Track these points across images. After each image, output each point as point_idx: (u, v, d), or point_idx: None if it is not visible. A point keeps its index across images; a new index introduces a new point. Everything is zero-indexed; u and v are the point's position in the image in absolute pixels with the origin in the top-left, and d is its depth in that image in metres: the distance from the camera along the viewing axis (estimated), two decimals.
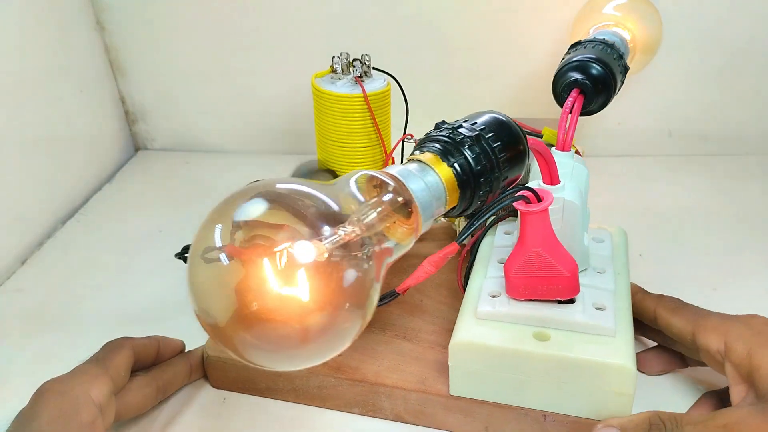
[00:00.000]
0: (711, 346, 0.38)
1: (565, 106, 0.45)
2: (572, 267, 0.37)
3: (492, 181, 0.34)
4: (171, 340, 0.44)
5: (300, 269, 0.29)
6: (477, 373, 0.38)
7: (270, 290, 0.29)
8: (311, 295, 0.29)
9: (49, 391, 0.35)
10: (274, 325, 0.30)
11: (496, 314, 0.38)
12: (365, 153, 0.54)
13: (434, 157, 0.33)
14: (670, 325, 0.40)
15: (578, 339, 0.37)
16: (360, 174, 0.32)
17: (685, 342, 0.40)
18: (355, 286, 0.30)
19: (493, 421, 0.40)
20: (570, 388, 0.37)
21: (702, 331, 0.38)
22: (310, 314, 0.30)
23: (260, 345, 0.30)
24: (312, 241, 0.29)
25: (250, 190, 0.31)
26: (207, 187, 0.73)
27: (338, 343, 0.31)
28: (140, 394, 0.41)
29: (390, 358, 0.43)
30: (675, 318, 0.40)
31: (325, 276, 0.29)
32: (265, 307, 0.29)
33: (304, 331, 0.30)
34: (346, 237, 0.30)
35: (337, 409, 0.43)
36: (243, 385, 0.44)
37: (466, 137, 0.34)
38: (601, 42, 0.50)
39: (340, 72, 0.53)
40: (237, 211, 0.30)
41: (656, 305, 0.42)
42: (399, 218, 0.32)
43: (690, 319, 0.39)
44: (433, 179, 0.33)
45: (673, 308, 0.41)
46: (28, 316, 0.54)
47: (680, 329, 0.40)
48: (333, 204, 0.31)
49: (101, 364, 0.38)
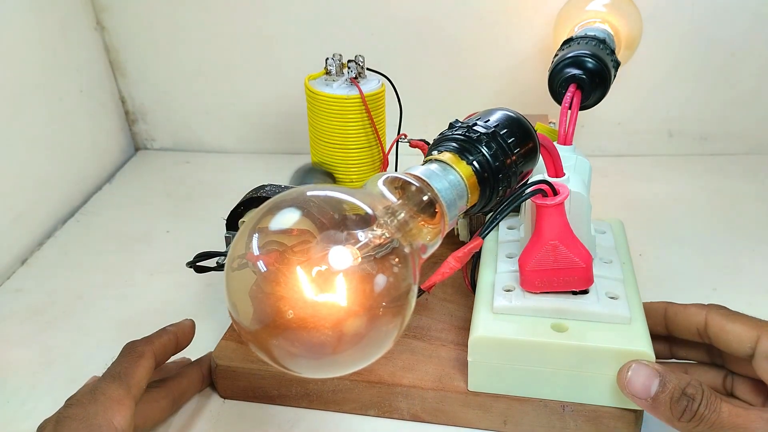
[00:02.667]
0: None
1: (564, 101, 0.46)
2: (587, 258, 0.37)
3: (509, 176, 0.34)
4: (183, 325, 0.43)
5: (336, 275, 0.29)
6: (496, 368, 0.39)
7: (306, 298, 0.29)
8: (348, 301, 0.29)
9: (71, 419, 0.34)
10: (311, 333, 0.29)
11: (512, 308, 0.39)
12: (360, 154, 0.54)
13: (454, 156, 0.34)
14: (727, 330, 0.37)
15: (595, 328, 0.37)
16: (385, 176, 0.32)
17: (741, 349, 0.37)
18: (392, 288, 0.30)
19: (512, 414, 0.40)
20: (589, 378, 0.37)
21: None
22: (348, 320, 0.29)
23: (298, 353, 0.30)
24: (346, 245, 0.29)
25: (281, 198, 0.30)
26: (207, 187, 0.73)
27: (379, 347, 0.31)
28: (157, 408, 0.40)
29: (403, 357, 0.43)
30: (733, 324, 0.37)
31: (361, 280, 0.29)
32: (301, 315, 0.29)
33: (343, 337, 0.29)
34: (378, 240, 0.29)
35: (353, 413, 0.43)
36: (254, 394, 0.44)
37: (482, 134, 0.34)
38: (592, 38, 0.51)
39: (334, 73, 0.53)
40: (271, 221, 0.30)
41: (707, 312, 0.39)
42: (424, 218, 0.32)
43: (754, 324, 0.37)
44: (455, 178, 0.33)
45: (728, 314, 0.38)
46: (28, 316, 0.53)
47: (740, 334, 0.37)
48: (363, 207, 0.31)
49: (123, 382, 0.36)
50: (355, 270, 0.29)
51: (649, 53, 0.67)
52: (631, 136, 0.74)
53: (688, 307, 0.40)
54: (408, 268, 0.30)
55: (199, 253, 0.39)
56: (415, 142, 0.51)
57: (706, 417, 0.34)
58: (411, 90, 0.59)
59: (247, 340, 0.30)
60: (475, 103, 0.72)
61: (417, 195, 0.32)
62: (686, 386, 0.34)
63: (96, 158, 0.74)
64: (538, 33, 0.68)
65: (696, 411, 0.34)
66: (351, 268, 0.29)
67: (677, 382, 0.35)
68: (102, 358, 0.47)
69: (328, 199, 0.31)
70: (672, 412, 0.34)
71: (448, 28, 0.70)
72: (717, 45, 0.68)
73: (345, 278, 0.29)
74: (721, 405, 0.34)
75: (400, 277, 0.30)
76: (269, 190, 0.43)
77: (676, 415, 0.34)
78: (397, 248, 0.30)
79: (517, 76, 0.71)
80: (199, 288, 0.55)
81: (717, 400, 0.34)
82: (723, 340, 0.38)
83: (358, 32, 0.71)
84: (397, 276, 0.30)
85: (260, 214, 0.30)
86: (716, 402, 0.34)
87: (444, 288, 0.49)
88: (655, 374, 0.35)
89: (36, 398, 0.45)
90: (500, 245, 0.45)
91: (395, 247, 0.30)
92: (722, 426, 0.33)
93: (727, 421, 0.33)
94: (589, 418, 0.39)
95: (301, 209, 0.30)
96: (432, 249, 0.32)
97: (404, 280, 0.30)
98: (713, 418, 0.34)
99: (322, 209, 0.30)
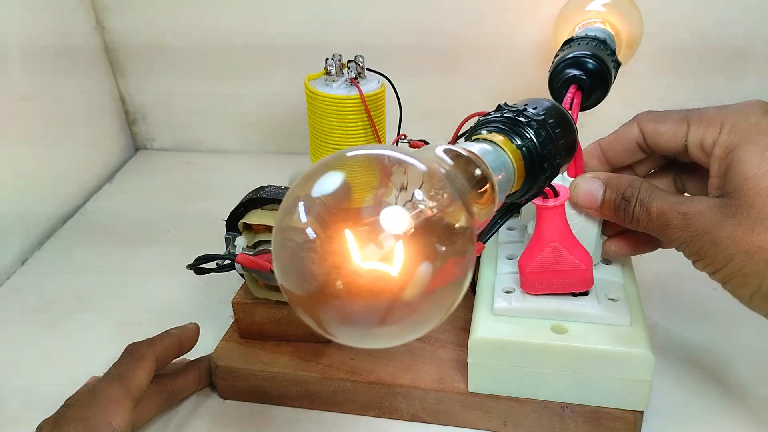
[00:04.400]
0: (706, 138, 0.35)
1: (564, 102, 0.46)
2: (587, 260, 0.37)
3: (553, 167, 0.33)
4: (187, 329, 0.43)
5: (391, 241, 0.26)
6: (496, 369, 0.39)
7: (356, 265, 0.26)
8: (402, 270, 0.26)
9: (69, 419, 0.34)
10: (363, 302, 0.26)
11: (512, 310, 0.39)
12: None
13: (505, 139, 0.32)
14: (660, 132, 0.37)
15: (595, 330, 0.37)
16: (443, 147, 0.30)
17: (677, 146, 0.37)
18: (449, 259, 0.27)
19: (512, 415, 0.40)
20: (589, 379, 0.38)
21: (696, 124, 0.36)
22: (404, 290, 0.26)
23: (347, 320, 0.27)
24: (401, 208, 0.26)
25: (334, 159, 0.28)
26: (207, 187, 0.73)
27: (429, 322, 0.28)
28: (151, 403, 0.40)
29: (403, 358, 0.43)
30: (663, 123, 0.37)
31: (417, 248, 0.26)
32: (351, 284, 0.26)
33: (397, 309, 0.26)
34: (434, 210, 0.27)
35: (353, 413, 0.43)
36: (253, 394, 0.44)
37: (533, 120, 0.33)
38: (593, 38, 0.51)
39: (334, 74, 0.53)
40: (318, 184, 0.27)
41: (638, 123, 0.39)
42: (473, 197, 0.29)
43: (682, 117, 0.36)
44: (506, 160, 0.31)
45: (656, 117, 0.38)
46: (28, 316, 0.53)
47: (672, 132, 0.37)
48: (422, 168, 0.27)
49: (123, 383, 0.36)
50: (411, 237, 0.26)
51: (649, 53, 0.67)
52: None
53: (617, 132, 0.40)
54: (468, 239, 0.28)
55: (199, 256, 0.39)
56: (415, 142, 0.51)
57: (638, 216, 0.35)
58: (411, 90, 0.59)
59: (294, 305, 0.28)
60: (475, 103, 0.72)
61: (470, 170, 0.29)
62: (625, 189, 0.35)
63: (96, 158, 0.74)
64: (538, 33, 0.68)
65: (632, 212, 0.35)
66: (406, 235, 0.26)
67: (617, 186, 0.36)
68: (102, 358, 0.47)
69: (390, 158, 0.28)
70: (616, 215, 0.36)
71: (448, 28, 0.69)
72: (717, 45, 0.68)
73: (401, 245, 0.26)
74: (651, 203, 0.34)
75: (459, 249, 0.27)
76: (269, 191, 0.43)
77: (619, 218, 0.36)
78: (455, 218, 0.27)
79: (518, 76, 0.71)
80: (199, 288, 0.55)
81: (651, 198, 0.35)
82: (660, 144, 0.38)
83: (358, 32, 0.71)
84: (455, 248, 0.27)
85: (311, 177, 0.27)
86: (649, 201, 0.34)
87: None
88: (598, 183, 0.36)
89: (36, 398, 0.45)
90: (500, 246, 0.45)
91: (454, 217, 0.27)
92: (652, 224, 0.35)
93: (655, 220, 0.35)
94: (589, 419, 0.39)
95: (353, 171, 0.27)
96: (480, 230, 0.30)
97: (463, 253, 0.28)
98: (644, 217, 0.35)
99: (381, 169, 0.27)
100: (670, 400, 0.42)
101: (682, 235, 0.34)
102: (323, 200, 0.27)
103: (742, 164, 0.32)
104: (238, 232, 0.44)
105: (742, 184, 0.32)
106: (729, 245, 0.32)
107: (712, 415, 0.42)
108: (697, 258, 0.34)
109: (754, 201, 0.32)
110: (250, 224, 0.43)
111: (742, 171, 0.32)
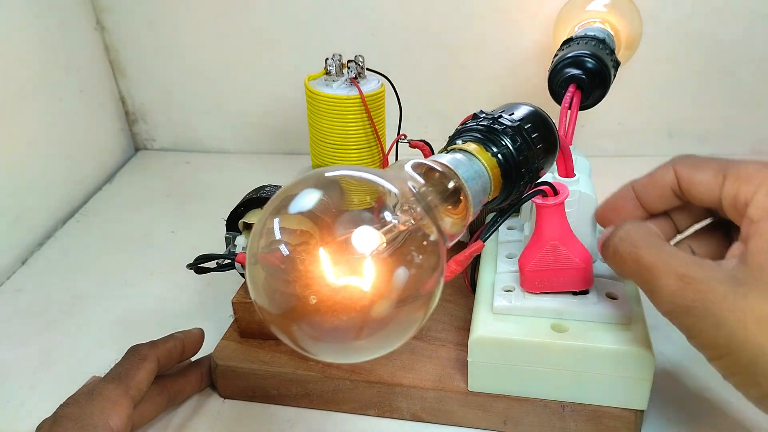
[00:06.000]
0: (739, 196, 0.30)
1: (563, 102, 0.46)
2: (587, 258, 0.37)
3: (531, 172, 0.34)
4: (192, 334, 0.43)
5: (361, 259, 0.27)
6: (496, 368, 0.39)
7: (329, 282, 0.27)
8: (374, 286, 0.27)
9: (67, 419, 0.34)
10: (335, 318, 0.28)
11: (512, 308, 0.39)
12: (360, 155, 0.54)
13: (479, 148, 0.33)
14: (695, 182, 0.33)
15: (595, 328, 0.37)
16: (412, 162, 0.31)
17: (711, 201, 0.33)
18: (418, 275, 0.28)
19: (512, 414, 0.40)
20: (589, 378, 0.37)
21: (733, 178, 0.31)
22: (373, 305, 0.28)
23: (319, 337, 0.28)
24: (373, 228, 0.28)
25: (304, 181, 0.29)
26: (207, 187, 0.73)
27: (402, 335, 0.29)
28: (152, 404, 0.40)
29: (403, 357, 0.43)
30: (701, 172, 0.33)
31: (387, 265, 0.27)
32: (324, 300, 0.28)
33: (367, 324, 0.28)
34: (404, 226, 0.28)
35: (353, 412, 0.43)
36: (253, 393, 0.44)
37: (507, 127, 0.33)
38: (592, 38, 0.51)
39: (334, 74, 0.53)
40: (292, 203, 0.28)
41: (674, 166, 0.34)
42: (447, 208, 0.31)
43: (720, 167, 0.32)
44: (480, 169, 0.32)
45: (694, 163, 0.33)
46: (28, 316, 0.53)
47: (707, 181, 0.32)
48: (392, 189, 0.29)
49: (123, 383, 0.36)
50: (381, 254, 0.27)
51: (649, 53, 0.67)
52: (631, 136, 0.74)
53: (653, 174, 0.35)
54: (437, 254, 0.28)
55: (199, 256, 0.39)
56: (414, 142, 0.51)
57: (623, 256, 0.32)
58: (411, 90, 0.59)
59: (268, 323, 0.29)
60: (475, 103, 0.72)
61: (442, 182, 0.30)
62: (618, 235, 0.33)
63: (96, 158, 0.74)
64: (538, 33, 0.68)
65: (620, 251, 0.32)
66: (377, 252, 0.27)
67: (613, 233, 0.33)
68: (102, 358, 0.47)
69: (357, 179, 0.29)
70: (608, 261, 0.34)
71: (448, 28, 0.70)
72: (717, 45, 0.68)
73: (370, 262, 0.27)
74: (640, 245, 0.31)
75: (428, 263, 0.28)
76: (269, 191, 0.43)
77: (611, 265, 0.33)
78: (424, 234, 0.28)
79: (517, 76, 0.71)
80: (199, 288, 0.55)
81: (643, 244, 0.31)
82: (695, 194, 0.33)
83: (358, 32, 0.71)
84: (424, 262, 0.28)
85: (282, 197, 0.29)
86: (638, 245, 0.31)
87: (444, 288, 0.48)
88: (608, 231, 0.34)
89: (36, 398, 0.45)
90: (500, 245, 0.45)
91: (423, 233, 0.28)
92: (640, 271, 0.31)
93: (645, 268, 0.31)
94: (589, 418, 0.39)
95: (327, 190, 0.28)
96: (456, 239, 0.31)
97: (432, 268, 0.28)
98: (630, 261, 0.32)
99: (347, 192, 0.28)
100: (670, 400, 0.42)
101: (674, 301, 0.29)
102: (296, 219, 0.28)
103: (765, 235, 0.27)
104: (238, 232, 0.44)
105: (765, 259, 0.27)
106: (737, 331, 0.26)
107: (712, 415, 0.41)
108: (689, 335, 0.29)
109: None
110: (250, 224, 0.43)
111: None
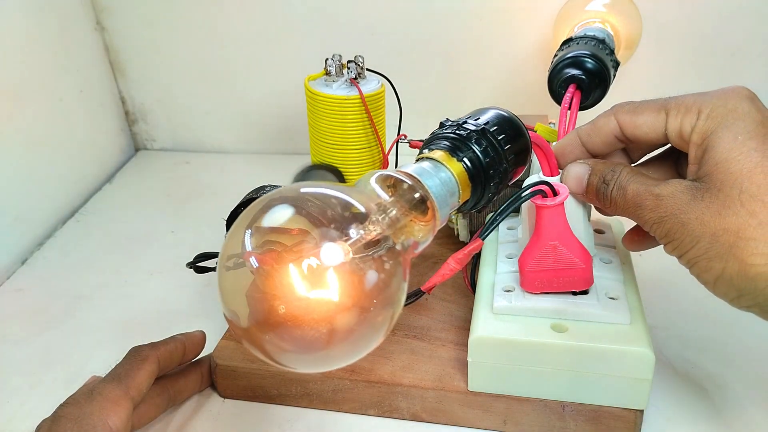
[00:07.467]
0: (684, 126, 0.34)
1: (563, 102, 0.46)
2: (587, 258, 0.37)
3: (501, 173, 0.35)
4: (193, 336, 0.43)
5: (327, 271, 0.29)
6: (496, 368, 0.39)
7: (297, 294, 0.29)
8: (340, 297, 0.29)
9: (66, 419, 0.34)
10: (303, 329, 0.30)
11: (512, 308, 0.39)
12: (360, 155, 0.54)
13: (445, 154, 0.34)
14: (638, 124, 0.36)
15: (595, 328, 0.37)
16: (377, 174, 0.33)
17: (658, 137, 0.36)
18: (382, 283, 0.30)
19: (512, 414, 0.40)
20: (589, 378, 0.38)
21: (674, 112, 0.35)
22: (339, 315, 0.30)
23: (289, 348, 0.30)
24: (337, 242, 0.29)
25: (274, 196, 0.31)
26: (207, 187, 0.73)
27: (370, 342, 0.31)
28: (152, 404, 0.40)
29: (403, 357, 0.43)
30: (641, 115, 0.36)
31: (352, 276, 0.29)
32: (293, 311, 0.29)
33: (335, 333, 0.30)
34: (369, 236, 0.30)
35: (353, 412, 0.43)
36: (253, 393, 0.44)
37: (472, 132, 0.35)
38: (592, 38, 0.51)
39: (334, 74, 0.53)
40: (263, 218, 0.30)
41: (614, 114, 0.37)
42: (416, 216, 0.33)
43: (660, 106, 0.36)
44: (446, 175, 0.34)
45: (633, 108, 0.37)
46: (28, 316, 0.54)
47: (651, 123, 0.36)
48: (356, 204, 0.31)
49: (123, 383, 0.36)
50: (346, 266, 0.29)
51: (649, 53, 0.67)
52: None
53: (595, 122, 0.38)
54: (398, 264, 0.31)
55: (199, 254, 0.39)
56: (414, 142, 0.51)
57: (615, 199, 0.35)
58: (411, 90, 0.59)
59: (240, 337, 0.31)
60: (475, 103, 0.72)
61: (409, 192, 0.32)
62: (606, 173, 0.36)
63: (96, 158, 0.74)
64: (537, 33, 0.68)
65: (609, 195, 0.36)
66: (342, 264, 0.29)
67: (601, 170, 0.36)
68: (102, 358, 0.47)
69: (321, 196, 0.31)
70: (597, 198, 0.36)
71: (447, 28, 0.70)
72: (717, 45, 0.68)
73: (336, 274, 0.29)
74: (628, 186, 0.35)
75: (390, 273, 0.30)
76: (269, 191, 0.43)
77: (599, 201, 0.36)
78: (388, 245, 0.30)
79: (517, 76, 0.71)
80: (199, 288, 0.55)
81: (628, 182, 0.35)
82: (639, 135, 0.37)
83: (358, 32, 0.71)
84: (388, 272, 0.30)
85: (254, 212, 0.31)
86: (626, 184, 0.35)
87: (444, 288, 0.49)
88: (585, 168, 0.36)
89: (36, 398, 0.45)
90: (500, 245, 0.45)
91: (386, 244, 0.30)
92: (627, 205, 0.35)
93: (630, 201, 0.35)
94: (589, 418, 0.39)
95: (295, 206, 0.30)
96: (423, 246, 0.33)
97: (394, 276, 0.31)
98: (620, 200, 0.35)
99: (315, 206, 0.30)
100: (670, 400, 0.42)
101: (653, 215, 0.34)
102: (266, 233, 0.30)
103: (715, 149, 0.33)
104: None
105: (713, 168, 0.33)
106: (696, 227, 0.32)
107: (713, 415, 0.41)
108: (666, 240, 0.35)
109: (722, 185, 0.32)
110: None
111: (714, 155, 0.33)
